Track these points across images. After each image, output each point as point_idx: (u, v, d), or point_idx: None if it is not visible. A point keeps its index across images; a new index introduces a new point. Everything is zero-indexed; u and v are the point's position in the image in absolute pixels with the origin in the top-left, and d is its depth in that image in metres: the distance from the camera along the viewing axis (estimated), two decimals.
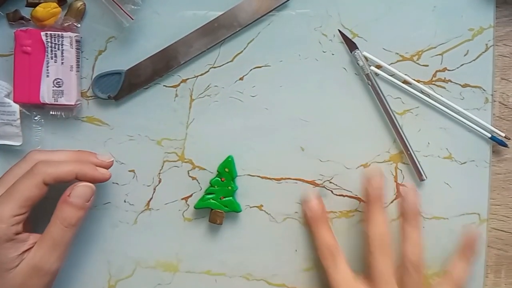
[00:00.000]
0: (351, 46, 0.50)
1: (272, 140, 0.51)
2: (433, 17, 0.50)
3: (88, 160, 0.46)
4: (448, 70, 0.51)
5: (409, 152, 0.50)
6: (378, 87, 0.50)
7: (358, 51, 0.50)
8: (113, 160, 0.48)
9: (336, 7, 0.50)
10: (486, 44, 0.50)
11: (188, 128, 0.51)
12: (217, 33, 0.50)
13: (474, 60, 0.51)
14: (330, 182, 0.51)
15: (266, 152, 0.51)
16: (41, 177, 0.42)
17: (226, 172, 0.49)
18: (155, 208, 0.52)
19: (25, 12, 0.50)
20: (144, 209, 0.52)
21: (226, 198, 0.50)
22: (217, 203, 0.50)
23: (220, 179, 0.49)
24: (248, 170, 0.51)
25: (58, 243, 0.42)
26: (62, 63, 0.49)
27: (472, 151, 0.51)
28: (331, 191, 0.51)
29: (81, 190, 0.44)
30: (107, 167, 0.47)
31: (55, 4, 0.49)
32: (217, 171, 0.50)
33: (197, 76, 0.51)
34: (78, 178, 0.44)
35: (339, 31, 0.50)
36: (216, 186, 0.50)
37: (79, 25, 0.50)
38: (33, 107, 0.50)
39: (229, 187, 0.50)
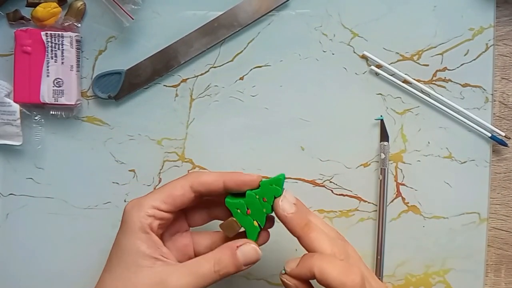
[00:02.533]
0: (384, 137, 0.50)
1: (272, 140, 0.51)
2: (433, 17, 0.50)
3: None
4: (448, 69, 0.51)
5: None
6: (386, 185, 0.50)
7: (387, 144, 0.50)
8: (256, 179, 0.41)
9: (336, 7, 0.50)
10: (486, 44, 0.50)
11: (188, 127, 0.51)
12: (217, 33, 0.50)
13: (474, 59, 0.51)
14: (330, 182, 0.51)
15: (266, 152, 0.51)
16: (190, 181, 0.41)
17: (271, 190, 0.41)
18: None
19: (25, 12, 0.50)
20: None
21: (252, 217, 0.41)
22: (242, 215, 0.42)
23: (258, 197, 0.41)
24: (248, 170, 0.51)
25: (199, 280, 0.39)
26: (62, 63, 0.49)
27: (472, 150, 0.51)
28: (331, 191, 0.51)
29: (250, 250, 0.40)
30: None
31: (55, 4, 0.49)
32: (259, 184, 0.41)
33: (197, 76, 0.51)
34: (226, 185, 0.40)
35: (381, 120, 0.50)
36: (257, 196, 0.41)
37: (79, 25, 0.50)
38: (33, 107, 0.51)
39: (264, 210, 0.41)
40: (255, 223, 0.41)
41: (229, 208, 0.41)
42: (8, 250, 0.52)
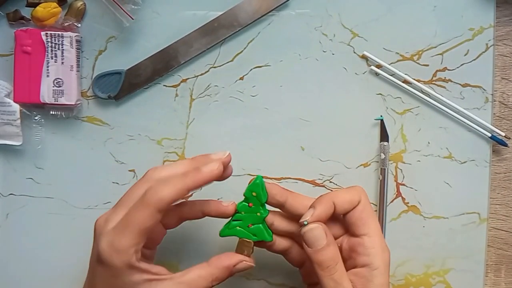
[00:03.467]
0: (384, 137, 0.50)
1: (272, 140, 0.51)
2: (433, 17, 0.50)
3: (201, 161, 0.42)
4: (448, 69, 0.51)
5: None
6: (386, 186, 0.50)
7: (387, 144, 0.50)
8: (229, 153, 0.43)
9: (336, 7, 0.50)
10: (487, 44, 0.50)
11: (188, 127, 0.51)
12: (217, 33, 0.50)
13: (474, 59, 0.51)
14: (330, 182, 0.51)
15: (266, 152, 0.51)
16: (154, 207, 0.38)
17: (254, 197, 0.42)
18: None
19: (25, 12, 0.50)
20: None
21: (255, 226, 0.43)
22: (245, 231, 0.43)
23: (247, 204, 0.43)
24: (248, 170, 0.51)
25: None
26: (62, 63, 0.49)
27: (472, 150, 0.51)
28: (331, 191, 0.51)
29: (245, 266, 0.43)
30: (225, 163, 0.42)
31: (55, 4, 0.49)
32: (244, 195, 0.43)
33: (197, 76, 0.51)
34: (191, 190, 0.40)
35: (381, 120, 0.50)
36: (243, 212, 0.43)
37: (79, 25, 0.50)
38: (33, 107, 0.51)
39: (258, 213, 0.43)
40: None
41: (231, 235, 0.43)
42: (8, 250, 0.52)
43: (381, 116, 0.50)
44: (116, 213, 0.40)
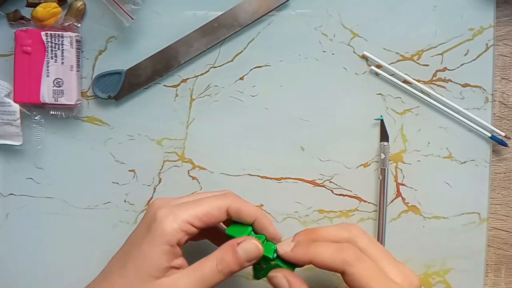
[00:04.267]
0: (384, 137, 0.50)
1: (272, 140, 0.51)
2: (433, 16, 0.50)
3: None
4: (448, 69, 0.51)
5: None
6: (386, 186, 0.50)
7: (387, 144, 0.50)
8: (280, 238, 0.43)
9: (336, 7, 0.50)
10: (487, 44, 0.50)
11: (188, 127, 0.51)
12: (217, 33, 0.50)
13: (474, 59, 0.51)
14: (330, 182, 0.51)
15: (266, 152, 0.51)
16: (228, 203, 0.41)
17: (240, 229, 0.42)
18: None
19: (25, 12, 0.50)
20: (144, 209, 0.52)
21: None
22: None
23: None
24: (248, 170, 0.51)
25: (205, 281, 0.40)
26: (62, 63, 0.49)
27: (472, 150, 0.51)
28: (331, 191, 0.51)
29: (251, 247, 0.41)
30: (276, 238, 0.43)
31: (55, 4, 0.49)
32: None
33: (197, 76, 0.51)
34: (256, 225, 0.42)
35: (381, 120, 0.50)
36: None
37: (79, 25, 0.50)
38: (33, 107, 0.51)
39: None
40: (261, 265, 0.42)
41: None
42: (8, 250, 0.52)
43: (381, 116, 0.50)
44: (179, 200, 0.42)
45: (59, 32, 0.49)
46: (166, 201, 0.41)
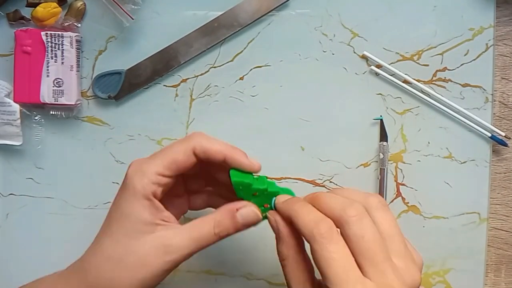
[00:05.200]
0: (383, 137, 0.50)
1: (272, 140, 0.51)
2: (433, 16, 0.50)
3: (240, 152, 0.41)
4: (448, 69, 0.51)
5: None
6: (386, 185, 0.50)
7: (386, 144, 0.50)
8: (259, 166, 0.41)
9: (336, 7, 0.50)
10: (486, 44, 0.50)
11: (188, 128, 0.51)
12: (217, 33, 0.50)
13: (474, 59, 0.51)
14: (330, 182, 0.51)
15: (266, 152, 0.51)
16: (192, 144, 0.39)
17: (243, 189, 0.40)
18: None
19: (25, 12, 0.50)
20: None
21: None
22: (247, 195, 0.40)
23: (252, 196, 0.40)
24: None
25: (199, 242, 0.39)
26: (62, 63, 0.49)
27: (472, 150, 0.51)
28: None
29: (249, 213, 0.40)
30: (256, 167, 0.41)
31: (55, 4, 0.49)
32: (240, 197, 0.41)
33: (197, 76, 0.51)
34: (227, 161, 0.40)
35: (381, 120, 0.50)
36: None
37: (79, 25, 0.50)
38: (33, 107, 0.51)
39: (265, 192, 0.40)
40: (265, 205, 0.40)
41: (234, 187, 0.40)
42: (8, 250, 0.52)
43: (381, 116, 0.50)
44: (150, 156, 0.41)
45: (59, 32, 0.49)
46: (138, 160, 0.40)
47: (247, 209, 0.40)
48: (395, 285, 0.33)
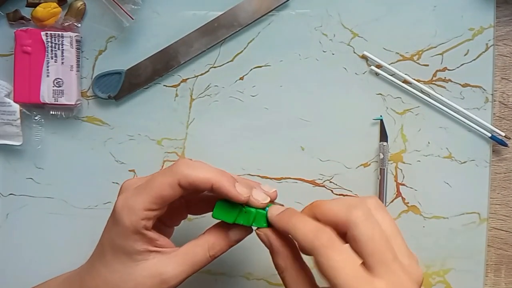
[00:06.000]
0: (383, 137, 0.50)
1: (272, 140, 0.51)
2: (433, 17, 0.50)
3: (245, 183, 0.40)
4: (448, 69, 0.51)
5: None
6: (386, 186, 0.50)
7: (386, 144, 0.50)
8: (275, 191, 0.41)
9: (336, 7, 0.50)
10: (486, 44, 0.50)
11: (188, 128, 0.51)
12: (217, 33, 0.50)
13: (474, 59, 0.51)
14: (330, 182, 0.51)
15: (266, 152, 0.51)
16: (177, 178, 0.38)
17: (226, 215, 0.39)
18: None
19: (25, 12, 0.50)
20: None
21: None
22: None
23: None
24: (248, 170, 0.51)
25: (194, 266, 0.39)
26: (62, 63, 0.49)
27: (472, 150, 0.51)
28: (331, 191, 0.51)
29: (241, 230, 0.40)
30: (271, 197, 0.41)
31: (55, 4, 0.49)
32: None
33: (197, 76, 0.51)
34: (214, 190, 0.38)
35: (381, 120, 0.50)
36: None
37: (79, 25, 0.50)
38: (33, 107, 0.51)
39: (245, 212, 0.39)
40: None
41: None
42: (8, 250, 0.52)
43: (381, 116, 0.50)
44: (143, 179, 0.40)
45: (59, 32, 0.49)
46: (125, 194, 0.39)
47: (237, 229, 0.40)
48: (406, 282, 0.33)
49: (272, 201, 0.40)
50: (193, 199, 0.44)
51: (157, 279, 0.38)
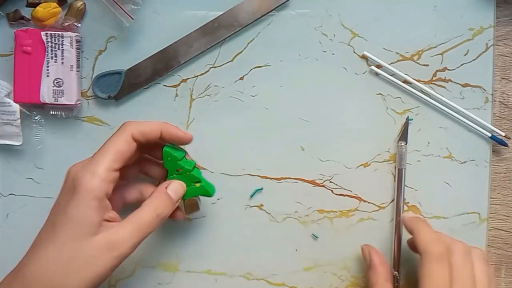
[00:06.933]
0: (403, 137, 0.50)
1: (272, 140, 0.51)
2: (433, 16, 0.50)
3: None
4: (448, 69, 0.51)
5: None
6: (404, 185, 0.50)
7: (405, 146, 0.50)
8: (191, 136, 0.46)
9: (336, 7, 0.50)
10: (486, 44, 0.50)
11: (188, 128, 0.51)
12: (217, 33, 0.50)
13: (474, 59, 0.51)
14: (330, 182, 0.51)
15: (266, 152, 0.51)
16: (130, 132, 0.42)
17: (171, 161, 0.45)
18: None
19: (25, 12, 0.50)
20: None
21: (195, 185, 0.46)
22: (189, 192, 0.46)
23: (174, 173, 0.46)
24: (248, 170, 0.51)
25: (143, 229, 0.41)
26: (62, 63, 0.49)
27: (472, 150, 0.51)
28: (331, 191, 0.51)
29: (177, 186, 0.45)
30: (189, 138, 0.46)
31: (55, 4, 0.49)
32: (166, 167, 0.45)
33: (197, 76, 0.51)
34: (163, 136, 0.44)
35: (407, 120, 0.50)
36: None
37: (79, 25, 0.50)
38: (33, 107, 0.51)
39: (188, 173, 0.45)
40: (197, 184, 0.46)
41: (164, 156, 0.45)
42: (8, 250, 0.52)
43: (411, 118, 0.51)
44: (89, 158, 0.42)
45: (59, 32, 0.49)
46: (79, 164, 0.42)
47: (174, 184, 0.45)
48: None
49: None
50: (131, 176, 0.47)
51: (107, 248, 0.39)
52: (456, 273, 0.42)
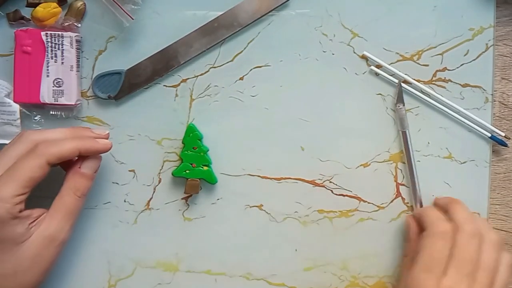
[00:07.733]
0: (400, 99, 0.50)
1: (272, 140, 0.51)
2: (433, 17, 0.50)
3: (85, 135, 0.46)
4: (448, 69, 0.51)
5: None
6: (412, 150, 0.50)
7: (403, 108, 0.50)
8: (108, 133, 0.48)
9: (336, 7, 0.50)
10: (486, 44, 0.50)
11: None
12: (217, 33, 0.50)
13: (474, 59, 0.51)
14: (330, 182, 0.51)
15: (266, 152, 0.51)
16: (45, 158, 0.42)
17: (191, 138, 0.49)
18: (155, 208, 0.52)
19: (25, 12, 0.50)
20: (144, 209, 0.52)
21: (203, 168, 0.50)
22: (192, 173, 0.50)
23: (189, 151, 0.50)
24: (248, 170, 0.51)
25: (71, 212, 0.44)
26: (62, 63, 0.49)
27: (472, 150, 0.51)
28: (331, 191, 0.51)
29: (89, 162, 0.45)
30: (105, 138, 0.47)
31: (55, 4, 0.49)
32: (182, 142, 0.50)
33: (197, 76, 0.51)
34: (82, 154, 0.44)
35: (399, 82, 0.50)
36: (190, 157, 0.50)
37: (79, 25, 0.50)
38: (33, 107, 0.51)
39: (201, 153, 0.50)
40: (204, 168, 0.50)
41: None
42: None
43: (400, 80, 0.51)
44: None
45: (59, 32, 0.49)
46: None
47: (86, 162, 0.45)
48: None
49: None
50: None
51: (46, 242, 0.42)
52: (457, 250, 0.42)
